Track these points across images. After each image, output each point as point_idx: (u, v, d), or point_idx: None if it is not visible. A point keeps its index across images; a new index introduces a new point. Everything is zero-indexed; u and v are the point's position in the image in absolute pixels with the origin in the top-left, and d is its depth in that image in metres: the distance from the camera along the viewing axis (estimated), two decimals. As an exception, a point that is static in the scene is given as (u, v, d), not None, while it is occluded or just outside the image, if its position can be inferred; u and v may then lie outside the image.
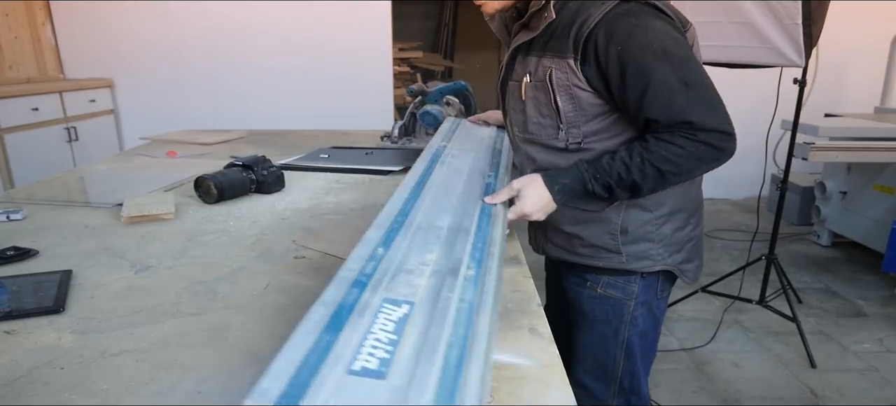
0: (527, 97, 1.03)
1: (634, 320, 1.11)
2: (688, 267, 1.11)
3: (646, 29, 0.90)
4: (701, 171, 0.94)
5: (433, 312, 0.57)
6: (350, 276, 0.62)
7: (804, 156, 2.60)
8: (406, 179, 0.99)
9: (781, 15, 2.05)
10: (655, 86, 0.89)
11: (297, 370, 0.44)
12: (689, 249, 1.10)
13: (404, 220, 0.80)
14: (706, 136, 0.89)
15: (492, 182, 1.02)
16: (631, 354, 1.14)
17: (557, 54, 0.96)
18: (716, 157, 0.90)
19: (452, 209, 0.87)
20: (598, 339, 1.14)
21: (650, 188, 0.94)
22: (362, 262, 0.67)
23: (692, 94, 0.89)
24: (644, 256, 1.06)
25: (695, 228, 1.11)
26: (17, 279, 0.88)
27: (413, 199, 0.89)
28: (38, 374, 0.63)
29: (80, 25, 3.77)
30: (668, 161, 0.90)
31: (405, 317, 0.56)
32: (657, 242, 1.05)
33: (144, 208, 1.20)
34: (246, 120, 3.69)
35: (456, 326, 0.55)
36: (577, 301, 1.15)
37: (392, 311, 0.56)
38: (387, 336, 0.51)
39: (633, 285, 1.09)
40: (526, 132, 1.07)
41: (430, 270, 0.68)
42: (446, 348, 0.51)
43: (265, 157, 1.43)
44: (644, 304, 1.11)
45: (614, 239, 1.04)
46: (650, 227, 1.04)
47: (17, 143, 3.07)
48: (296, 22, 3.80)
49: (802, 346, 2.25)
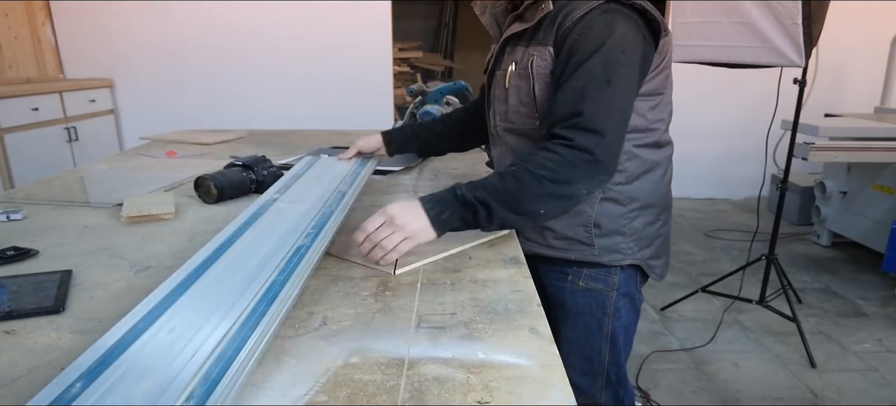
0: (510, 85, 1.05)
1: (617, 312, 1.13)
2: (656, 263, 1.14)
3: (607, 26, 0.92)
4: (579, 183, 0.91)
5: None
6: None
7: (804, 156, 2.60)
8: (182, 267, 0.81)
9: (781, 15, 2.05)
10: (583, 72, 0.91)
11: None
12: (657, 246, 1.13)
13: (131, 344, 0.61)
14: (585, 140, 0.88)
15: (307, 243, 0.90)
16: (615, 346, 1.15)
17: (541, 43, 0.99)
18: (590, 170, 0.90)
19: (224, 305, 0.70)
20: (583, 332, 1.15)
21: (531, 201, 0.89)
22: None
23: (603, 95, 0.90)
24: (615, 249, 1.08)
25: (664, 225, 1.14)
26: (17, 279, 0.87)
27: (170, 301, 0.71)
28: (38, 374, 0.63)
29: (80, 25, 3.77)
30: (543, 167, 0.89)
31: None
32: (628, 236, 1.08)
33: (144, 208, 1.20)
34: (246, 120, 3.69)
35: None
36: (559, 296, 1.15)
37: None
38: None
39: (614, 277, 1.10)
40: (507, 121, 1.09)
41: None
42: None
43: (265, 157, 1.43)
44: (626, 295, 1.13)
45: (588, 231, 1.07)
46: (622, 221, 1.07)
47: (17, 143, 3.07)
48: (296, 22, 3.81)
49: (802, 346, 2.25)
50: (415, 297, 0.82)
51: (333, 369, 0.63)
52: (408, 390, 0.59)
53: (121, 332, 0.63)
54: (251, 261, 0.83)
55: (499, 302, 0.80)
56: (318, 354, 0.66)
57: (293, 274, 0.79)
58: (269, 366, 0.64)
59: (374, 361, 0.65)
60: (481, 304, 0.79)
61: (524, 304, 0.80)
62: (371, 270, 0.92)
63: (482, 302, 0.80)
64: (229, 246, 0.89)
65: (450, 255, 0.97)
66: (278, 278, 0.78)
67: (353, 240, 0.91)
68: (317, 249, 0.89)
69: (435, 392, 0.59)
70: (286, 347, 0.68)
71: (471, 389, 0.59)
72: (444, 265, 0.94)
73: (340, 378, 0.62)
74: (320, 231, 0.96)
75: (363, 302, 0.80)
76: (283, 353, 0.67)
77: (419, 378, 0.61)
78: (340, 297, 0.82)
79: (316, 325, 0.74)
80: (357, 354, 0.66)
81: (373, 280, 0.88)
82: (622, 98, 0.93)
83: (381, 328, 0.73)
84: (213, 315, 0.67)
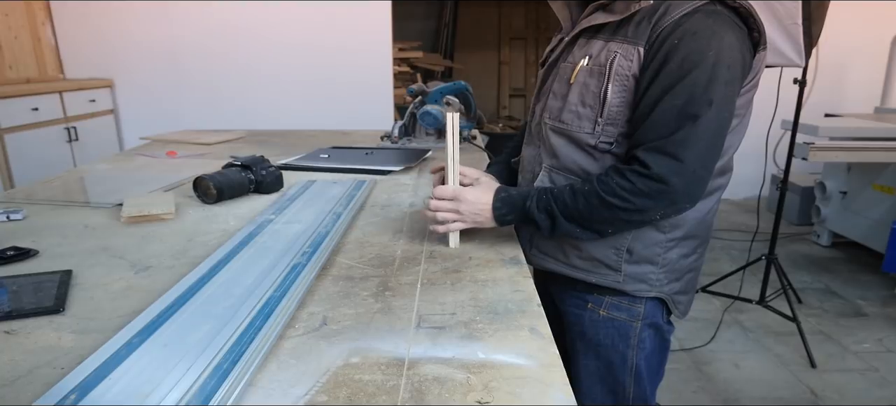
0: (575, 81, 0.94)
1: (642, 343, 1.03)
2: (682, 299, 1.04)
3: (714, 34, 0.82)
4: (653, 211, 0.86)
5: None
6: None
7: (804, 156, 2.60)
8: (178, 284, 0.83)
9: (781, 15, 2.05)
10: (682, 88, 0.81)
11: None
12: (687, 280, 1.03)
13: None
14: (667, 170, 0.82)
15: (304, 261, 0.90)
16: (639, 379, 1.06)
17: (630, 40, 0.87)
18: (668, 200, 0.84)
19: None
20: (605, 365, 1.06)
21: (600, 224, 0.89)
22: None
23: (704, 119, 0.81)
24: (642, 279, 0.98)
25: (698, 259, 1.04)
26: (17, 279, 0.87)
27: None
28: (38, 374, 0.63)
29: (80, 25, 3.77)
30: (616, 194, 0.85)
31: None
32: (660, 266, 0.98)
33: (144, 208, 1.20)
34: (246, 120, 3.69)
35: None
36: (578, 324, 1.06)
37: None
38: None
39: (639, 307, 1.00)
40: (559, 121, 0.97)
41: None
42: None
43: (264, 156, 1.43)
44: (651, 326, 1.03)
45: (618, 255, 0.97)
46: (658, 249, 0.96)
47: (17, 143, 3.06)
48: (296, 22, 3.80)
49: (802, 347, 2.25)
50: (415, 297, 0.82)
51: (333, 369, 0.63)
52: (408, 390, 0.59)
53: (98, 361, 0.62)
54: (246, 278, 0.84)
55: (499, 302, 0.80)
56: (318, 354, 0.66)
57: (289, 291, 0.79)
58: (269, 366, 0.64)
59: (374, 361, 0.65)
60: (481, 304, 0.79)
61: (524, 304, 0.80)
62: (371, 270, 0.92)
63: (482, 302, 0.80)
64: (223, 266, 0.89)
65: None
66: (274, 295, 0.78)
67: (426, 202, 0.99)
68: (313, 268, 0.88)
69: (435, 392, 0.59)
70: (286, 347, 0.68)
71: (471, 389, 0.59)
72: (444, 265, 0.94)
73: (340, 378, 0.62)
74: (316, 251, 0.95)
75: (363, 302, 0.80)
76: (282, 353, 0.67)
77: (419, 378, 0.61)
78: (340, 297, 0.82)
79: (316, 325, 0.74)
80: (357, 354, 0.66)
81: (373, 280, 0.88)
82: (720, 121, 0.84)
83: (382, 328, 0.73)
84: (185, 356, 0.63)
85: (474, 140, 2.11)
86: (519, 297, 0.82)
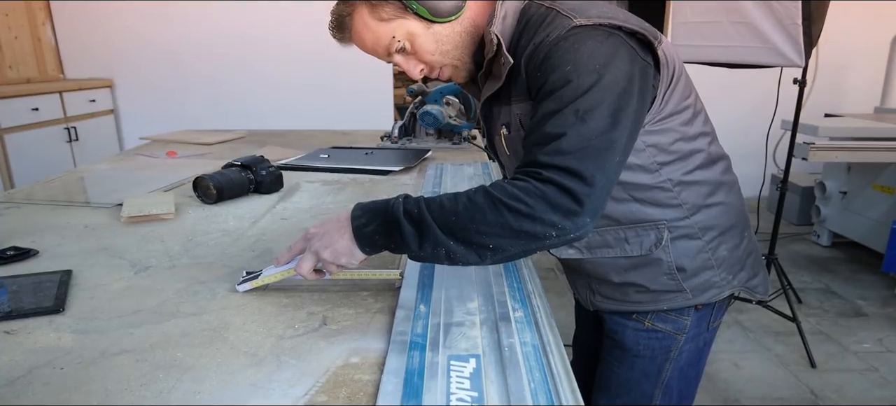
0: (510, 151, 0.91)
1: (679, 356, 1.00)
2: (755, 282, 1.00)
3: (610, 49, 0.75)
4: (549, 224, 0.69)
5: (502, 361, 0.62)
6: (404, 339, 0.67)
7: (804, 156, 2.60)
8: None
9: (781, 15, 2.05)
10: (572, 87, 0.73)
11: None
12: (751, 264, 1.00)
13: (431, 270, 0.82)
14: (559, 177, 0.69)
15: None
16: (669, 394, 1.03)
17: (522, 98, 0.83)
18: (569, 207, 0.69)
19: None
20: (638, 376, 1.02)
21: (480, 231, 0.70)
22: (409, 322, 0.70)
23: (590, 125, 0.71)
24: (709, 286, 0.95)
25: (750, 242, 1.00)
26: (17, 279, 0.87)
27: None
28: (38, 374, 0.63)
29: (80, 25, 3.77)
30: (510, 195, 0.70)
31: (476, 371, 0.59)
32: (718, 268, 0.95)
33: (144, 208, 1.20)
34: (246, 120, 3.69)
35: (530, 371, 0.59)
36: (619, 334, 1.02)
37: (461, 368, 0.60)
38: (468, 394, 0.55)
39: (686, 319, 0.97)
40: None
41: (480, 320, 0.72)
42: (531, 395, 0.55)
43: (263, 156, 1.43)
44: (693, 338, 1.00)
45: (673, 279, 0.94)
46: (705, 255, 0.93)
47: (17, 143, 3.07)
48: (296, 22, 3.80)
49: (802, 346, 2.25)
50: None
51: (333, 369, 0.63)
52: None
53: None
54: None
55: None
56: (318, 354, 0.66)
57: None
58: (269, 366, 0.64)
59: (374, 361, 0.65)
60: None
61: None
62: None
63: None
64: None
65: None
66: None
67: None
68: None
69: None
70: (286, 347, 0.68)
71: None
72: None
73: (340, 378, 0.62)
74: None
75: (363, 302, 0.80)
76: (283, 353, 0.67)
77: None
78: (340, 297, 0.82)
79: (316, 325, 0.74)
80: (357, 354, 0.66)
81: (373, 279, 0.88)
82: (614, 123, 0.74)
83: (382, 328, 0.73)
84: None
85: (474, 140, 2.11)
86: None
